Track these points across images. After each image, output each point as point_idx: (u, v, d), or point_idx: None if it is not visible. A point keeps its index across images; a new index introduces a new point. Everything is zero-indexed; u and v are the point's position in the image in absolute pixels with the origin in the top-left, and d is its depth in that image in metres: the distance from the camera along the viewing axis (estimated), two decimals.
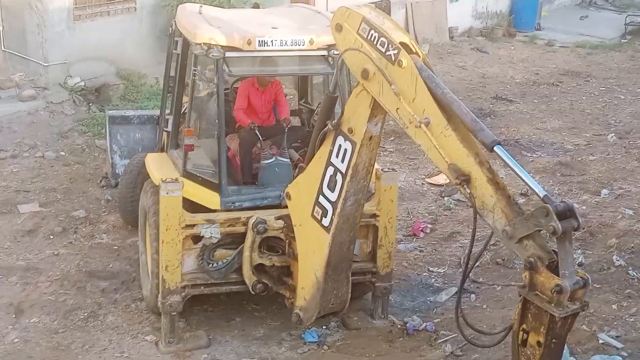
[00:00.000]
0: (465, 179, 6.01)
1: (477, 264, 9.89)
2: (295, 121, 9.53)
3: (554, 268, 5.65)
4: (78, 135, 13.49)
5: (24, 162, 12.61)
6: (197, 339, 8.49)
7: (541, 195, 5.67)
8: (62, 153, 12.95)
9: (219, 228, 8.20)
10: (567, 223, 5.59)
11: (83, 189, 11.72)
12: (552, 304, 5.57)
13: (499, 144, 5.93)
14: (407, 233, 11.06)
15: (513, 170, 5.88)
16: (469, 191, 6.01)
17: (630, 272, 9.82)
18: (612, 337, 8.37)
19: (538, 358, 5.75)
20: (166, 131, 9.55)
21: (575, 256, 8.72)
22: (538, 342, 5.75)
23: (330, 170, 7.28)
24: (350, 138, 7.02)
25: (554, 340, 5.71)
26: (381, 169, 8.59)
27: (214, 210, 8.31)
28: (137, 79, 15.30)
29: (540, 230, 5.67)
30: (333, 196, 7.31)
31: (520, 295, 5.80)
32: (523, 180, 5.84)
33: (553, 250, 5.72)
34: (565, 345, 7.59)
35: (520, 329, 5.85)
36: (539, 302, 5.66)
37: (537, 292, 5.69)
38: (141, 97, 14.95)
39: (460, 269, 10.05)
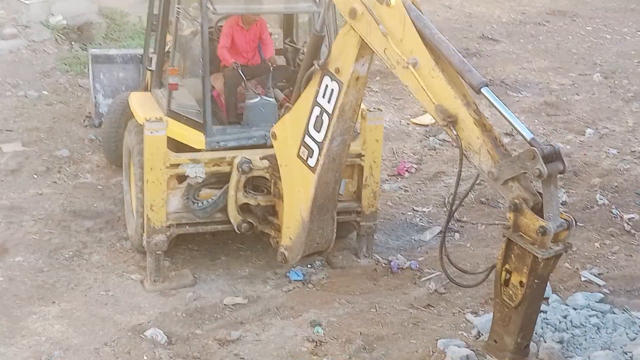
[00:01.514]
0: (452, 121, 6.01)
1: (461, 203, 9.96)
2: (281, 60, 9.45)
3: (538, 210, 5.69)
4: (61, 74, 13.35)
5: (6, 101, 12.49)
6: (183, 278, 8.53)
7: (528, 138, 5.68)
8: (45, 92, 12.83)
9: (203, 168, 8.19)
10: (553, 166, 5.62)
11: (66, 129, 11.65)
12: (536, 246, 5.62)
13: (487, 85, 5.91)
14: (392, 173, 11.09)
15: (500, 113, 5.87)
16: (455, 133, 6.01)
17: (613, 210, 9.91)
18: (594, 275, 8.47)
19: (520, 298, 5.81)
20: (150, 70, 9.47)
21: (559, 196, 8.78)
22: (520, 282, 5.81)
23: (317, 110, 7.25)
24: (337, 78, 6.98)
25: (536, 281, 5.78)
26: (367, 109, 8.56)
27: (199, 150, 8.29)
28: (119, 17, 15.11)
29: (525, 173, 5.69)
30: (319, 136, 7.29)
31: (504, 236, 5.84)
32: (510, 123, 5.84)
33: (538, 192, 5.75)
34: (548, 283, 7.71)
35: (503, 268, 5.90)
36: (522, 244, 5.70)
37: (521, 233, 5.73)
38: (124, 35, 14.78)
39: (445, 209, 10.12)
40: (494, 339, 6.11)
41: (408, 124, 12.62)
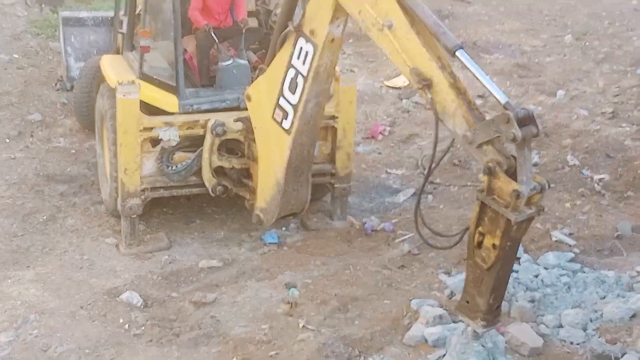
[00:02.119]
0: (427, 84, 6.02)
1: (437, 166, 10.01)
2: (253, 22, 9.40)
3: (512, 173, 5.73)
4: (31, 37, 13.20)
5: None
6: (158, 241, 8.55)
7: (502, 102, 5.70)
8: (16, 56, 12.69)
9: (177, 131, 8.17)
10: (527, 130, 5.65)
11: (38, 93, 11.54)
12: (509, 209, 5.67)
13: (461, 48, 5.92)
14: (366, 135, 11.12)
15: (474, 76, 5.89)
16: (430, 96, 6.02)
17: (583, 171, 10.01)
18: (565, 235, 8.58)
19: (493, 260, 5.87)
20: (121, 33, 9.39)
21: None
22: (493, 245, 5.87)
23: (292, 72, 7.23)
24: (312, 40, 6.96)
25: (509, 244, 5.84)
26: (340, 71, 8.55)
27: (172, 113, 8.26)
28: None
29: (499, 136, 5.73)
30: (294, 99, 7.28)
31: (477, 199, 5.89)
32: (484, 86, 5.86)
33: (512, 155, 5.79)
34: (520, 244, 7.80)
35: (477, 231, 5.95)
36: (496, 207, 5.75)
37: (494, 196, 5.78)
38: None
39: (418, 170, 10.17)
40: (466, 300, 6.18)
41: (381, 86, 12.63)
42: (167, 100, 8.27)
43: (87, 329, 7.16)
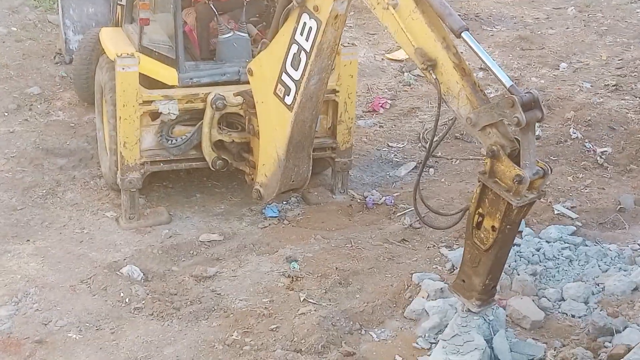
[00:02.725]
0: (431, 65, 5.96)
1: (436, 138, 9.97)
2: None
3: (515, 156, 5.70)
4: (29, 10, 13.09)
5: None
6: (158, 215, 8.52)
7: (507, 86, 5.64)
8: (14, 28, 12.58)
9: (177, 104, 8.13)
10: (532, 114, 5.60)
11: (36, 66, 11.47)
12: (511, 193, 5.64)
13: (467, 29, 5.85)
14: (367, 109, 11.06)
15: (480, 58, 5.82)
16: (434, 77, 5.96)
17: (586, 144, 9.97)
18: (567, 208, 8.55)
19: (491, 242, 5.85)
20: (120, 5, 9.30)
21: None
22: (493, 227, 5.84)
23: (294, 48, 7.17)
24: (316, 16, 6.89)
25: (508, 226, 5.81)
26: (341, 44, 8.48)
27: (172, 87, 8.20)
28: None
29: (503, 120, 5.68)
30: (296, 75, 7.22)
31: (479, 181, 5.86)
32: (489, 69, 5.81)
33: (515, 138, 5.75)
34: None
35: (476, 212, 5.93)
36: (497, 190, 5.72)
37: (496, 179, 5.74)
38: None
39: (420, 144, 10.13)
40: (462, 279, 6.17)
41: (382, 59, 12.55)
42: (166, 74, 8.21)
43: (88, 302, 7.15)
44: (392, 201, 8.85)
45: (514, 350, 6.30)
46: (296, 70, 7.19)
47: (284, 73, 7.29)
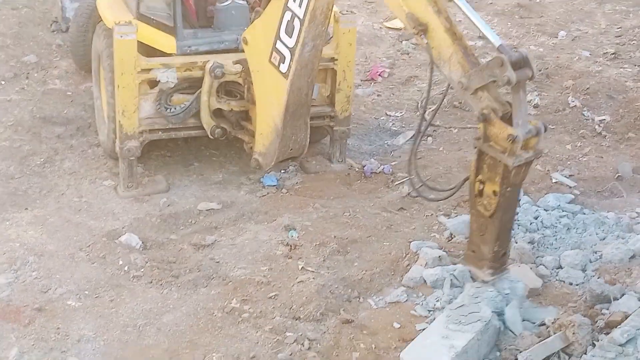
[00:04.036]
0: (422, 29, 5.95)
1: (434, 107, 9.96)
2: None
3: (507, 119, 5.70)
4: None
5: None
6: (156, 184, 8.51)
7: (496, 45, 5.64)
8: None
9: (175, 72, 8.09)
10: (522, 73, 5.61)
11: (33, 34, 11.40)
12: (506, 154, 5.65)
13: None
14: (365, 78, 11.02)
15: (470, 20, 5.81)
16: (426, 41, 5.97)
17: (584, 112, 9.96)
18: (565, 177, 8.56)
19: (494, 207, 5.88)
20: None
21: (531, 98, 8.81)
22: (494, 192, 5.87)
23: (288, 15, 7.14)
24: None
25: (508, 189, 5.84)
26: (339, 12, 8.45)
27: (170, 55, 8.17)
28: None
29: (495, 81, 5.68)
30: (291, 42, 7.21)
31: (475, 147, 5.87)
32: (479, 30, 5.80)
33: (507, 102, 5.75)
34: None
35: (476, 180, 5.94)
36: (493, 153, 5.74)
37: (491, 143, 5.76)
38: None
39: (418, 113, 10.11)
40: (472, 250, 6.21)
41: (381, 27, 12.49)
42: (164, 42, 8.17)
43: (86, 270, 7.17)
44: (391, 170, 8.84)
45: (526, 318, 6.29)
46: (290, 38, 7.18)
47: (278, 41, 7.28)
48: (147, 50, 8.14)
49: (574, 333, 5.82)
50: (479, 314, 6.00)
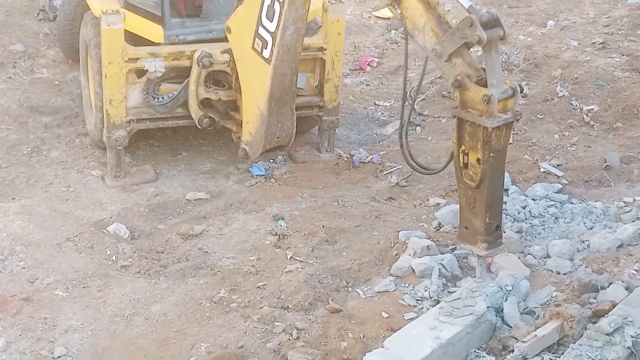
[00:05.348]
0: None
1: (424, 97, 9.96)
2: None
3: (483, 84, 5.70)
4: None
5: None
6: (144, 173, 8.49)
7: (466, 6, 5.64)
8: None
9: (163, 62, 8.06)
10: (493, 32, 5.60)
11: (20, 23, 11.33)
12: (484, 116, 5.64)
13: None
14: (354, 67, 11.02)
15: None
16: (399, 11, 5.97)
17: (573, 102, 9.98)
18: (553, 166, 8.57)
19: (480, 175, 5.85)
20: None
21: (521, 85, 8.78)
22: (478, 160, 5.84)
23: (268, 0, 7.15)
24: None
25: (492, 154, 5.80)
26: (328, 1, 8.43)
27: (158, 44, 8.14)
28: None
29: (467, 45, 5.67)
30: (272, 26, 7.22)
31: (454, 116, 5.86)
32: None
33: (482, 68, 5.75)
34: (507, 175, 7.80)
35: (460, 151, 5.92)
36: (471, 118, 5.73)
37: (469, 109, 5.75)
38: None
39: (407, 102, 10.07)
40: (464, 226, 6.14)
41: (369, 17, 12.48)
42: (152, 31, 8.14)
43: (74, 260, 7.14)
44: (379, 159, 8.84)
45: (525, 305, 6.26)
46: (271, 22, 7.22)
47: (260, 26, 7.31)
48: (135, 40, 8.10)
49: (571, 327, 5.80)
50: (472, 308, 5.93)
